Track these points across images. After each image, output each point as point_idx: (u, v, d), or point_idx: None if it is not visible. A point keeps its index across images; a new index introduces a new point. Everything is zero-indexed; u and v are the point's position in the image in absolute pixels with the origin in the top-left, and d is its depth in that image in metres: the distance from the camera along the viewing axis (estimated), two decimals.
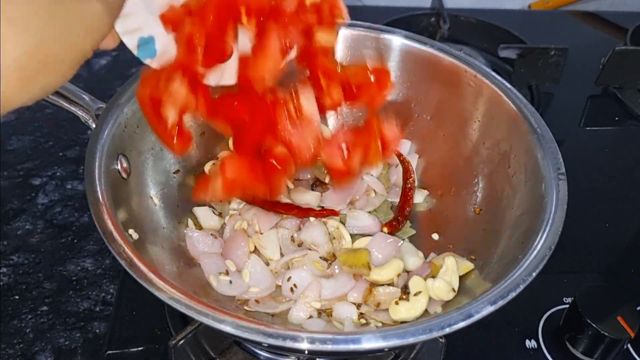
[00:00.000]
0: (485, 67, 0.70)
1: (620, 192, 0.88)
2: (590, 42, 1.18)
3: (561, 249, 0.52)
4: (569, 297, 0.70)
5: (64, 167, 0.90)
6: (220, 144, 0.74)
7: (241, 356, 0.62)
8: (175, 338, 0.59)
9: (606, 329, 0.61)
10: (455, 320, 0.45)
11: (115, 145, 0.59)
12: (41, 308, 0.72)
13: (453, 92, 0.72)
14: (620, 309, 0.63)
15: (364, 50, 0.73)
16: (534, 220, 0.55)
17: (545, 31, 1.20)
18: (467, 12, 1.19)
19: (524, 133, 0.63)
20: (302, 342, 0.43)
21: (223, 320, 0.44)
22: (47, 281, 0.75)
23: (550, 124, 0.62)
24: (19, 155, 0.92)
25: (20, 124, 0.98)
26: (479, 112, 0.70)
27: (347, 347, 0.44)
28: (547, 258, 0.50)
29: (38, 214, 0.83)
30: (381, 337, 0.44)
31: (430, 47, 0.73)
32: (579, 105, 1.05)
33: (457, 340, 0.65)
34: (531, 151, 0.61)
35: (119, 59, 1.16)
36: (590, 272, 0.76)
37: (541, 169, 0.59)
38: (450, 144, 0.73)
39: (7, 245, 0.78)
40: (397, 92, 0.77)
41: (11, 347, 0.67)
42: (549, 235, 0.52)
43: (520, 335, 0.67)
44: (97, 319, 0.71)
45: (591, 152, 0.96)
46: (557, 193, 0.55)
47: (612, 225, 0.82)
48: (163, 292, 0.46)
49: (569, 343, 0.65)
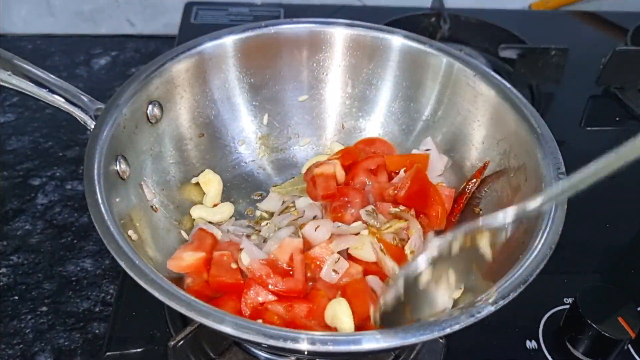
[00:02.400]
0: (485, 67, 0.70)
1: (620, 193, 0.88)
2: (590, 42, 1.18)
3: (561, 250, 0.52)
4: (570, 297, 0.70)
5: (63, 168, 0.90)
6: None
7: (241, 357, 0.62)
8: (174, 339, 0.58)
9: (607, 330, 0.61)
10: (456, 320, 0.45)
11: (114, 147, 0.59)
12: (41, 308, 0.71)
13: (452, 92, 0.72)
14: (621, 310, 0.62)
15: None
16: (534, 219, 0.55)
17: (545, 31, 1.19)
18: (467, 12, 1.19)
19: (523, 132, 0.63)
20: (303, 343, 0.43)
21: (223, 320, 0.44)
22: (46, 281, 0.74)
23: (551, 124, 0.62)
24: (18, 156, 0.92)
25: (20, 124, 0.98)
26: (478, 112, 0.70)
27: (347, 348, 0.44)
28: (548, 257, 0.50)
29: (38, 214, 0.83)
30: (382, 338, 0.44)
31: (429, 46, 0.73)
32: (579, 106, 1.05)
33: (457, 341, 0.64)
34: (531, 150, 0.61)
35: (119, 59, 1.16)
36: (590, 273, 0.76)
37: (541, 168, 0.58)
38: (449, 143, 0.73)
39: (7, 246, 0.78)
40: (396, 91, 0.77)
41: (11, 348, 0.67)
42: (550, 235, 0.52)
43: (521, 335, 0.67)
44: (96, 319, 0.71)
45: (592, 152, 0.94)
46: None
47: (612, 226, 0.82)
48: (163, 293, 0.46)
49: (570, 343, 0.65)
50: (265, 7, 1.23)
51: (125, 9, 1.21)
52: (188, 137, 0.72)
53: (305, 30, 0.74)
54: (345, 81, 0.78)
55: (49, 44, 1.19)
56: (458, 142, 0.72)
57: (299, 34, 0.74)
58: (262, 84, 0.76)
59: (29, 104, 1.01)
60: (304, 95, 0.78)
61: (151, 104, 0.65)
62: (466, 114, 0.71)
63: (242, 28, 0.73)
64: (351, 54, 0.76)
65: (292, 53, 0.76)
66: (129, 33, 1.23)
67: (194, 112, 0.72)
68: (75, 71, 1.12)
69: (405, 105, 0.77)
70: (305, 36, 0.75)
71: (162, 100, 0.67)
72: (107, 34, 1.22)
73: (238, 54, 0.73)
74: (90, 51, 1.18)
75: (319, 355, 0.54)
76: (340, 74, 0.78)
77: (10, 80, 0.59)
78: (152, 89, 0.65)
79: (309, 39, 0.75)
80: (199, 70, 0.71)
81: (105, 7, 1.20)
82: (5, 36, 1.20)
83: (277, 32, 0.74)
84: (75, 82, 1.09)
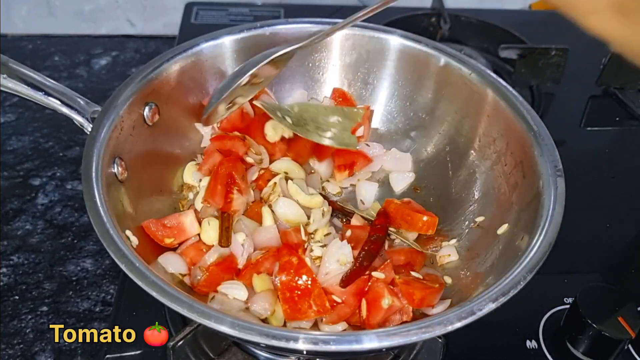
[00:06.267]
0: (481, 66, 0.70)
1: (621, 192, 0.88)
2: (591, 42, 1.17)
3: (562, 249, 0.52)
4: (570, 297, 0.70)
5: (63, 168, 0.90)
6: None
7: (240, 357, 0.62)
8: (174, 339, 0.58)
9: (607, 330, 0.61)
10: (457, 317, 0.45)
11: (112, 149, 0.58)
12: (41, 308, 0.72)
13: (449, 91, 0.72)
14: (621, 310, 0.62)
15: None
16: (532, 217, 0.55)
17: (545, 31, 1.19)
18: (467, 12, 1.19)
19: (520, 130, 0.63)
20: (303, 343, 0.43)
21: (224, 321, 0.44)
22: (47, 281, 0.75)
23: (551, 124, 0.62)
24: (18, 156, 0.92)
25: (20, 124, 0.98)
26: (475, 110, 0.70)
27: (348, 347, 0.44)
28: (548, 254, 0.50)
29: (38, 214, 0.83)
30: (382, 337, 0.44)
31: (425, 46, 0.73)
32: (579, 106, 1.05)
33: (457, 341, 0.64)
34: (528, 148, 0.61)
35: (119, 59, 1.16)
36: (590, 273, 0.76)
37: (538, 166, 0.59)
38: (446, 141, 0.73)
39: (7, 246, 0.78)
40: (392, 90, 0.77)
41: (11, 348, 0.67)
42: (549, 232, 0.52)
43: (521, 335, 0.67)
44: (97, 319, 0.71)
45: (592, 152, 0.96)
46: (555, 189, 0.55)
47: (612, 225, 0.82)
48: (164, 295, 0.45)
49: (570, 343, 0.65)
50: (266, 7, 1.23)
51: (125, 9, 1.21)
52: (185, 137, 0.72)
53: (302, 30, 0.74)
54: (342, 81, 0.78)
55: (49, 44, 1.19)
56: (455, 140, 0.72)
57: (295, 35, 0.74)
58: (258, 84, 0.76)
59: (29, 104, 1.01)
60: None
61: (148, 106, 0.65)
62: (463, 113, 0.71)
63: (238, 29, 0.73)
64: (347, 53, 0.76)
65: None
66: (129, 33, 1.23)
67: (191, 113, 0.72)
68: (75, 71, 1.12)
69: (402, 104, 0.77)
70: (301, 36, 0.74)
71: (159, 101, 0.67)
72: (107, 34, 1.23)
73: (235, 55, 0.73)
74: (91, 51, 1.18)
75: (319, 355, 0.54)
76: (337, 74, 0.78)
77: (6, 83, 0.59)
78: (149, 91, 0.65)
79: (305, 39, 0.75)
80: (195, 71, 0.70)
81: (105, 7, 1.20)
82: (5, 36, 1.20)
83: (274, 33, 0.74)
84: (75, 82, 1.11)
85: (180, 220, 0.62)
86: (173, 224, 0.61)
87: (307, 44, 0.63)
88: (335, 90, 0.78)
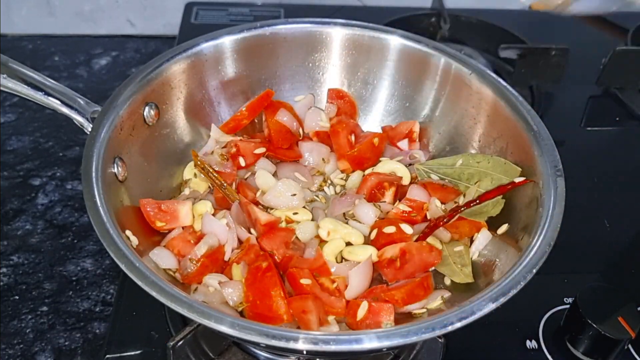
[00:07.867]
0: (481, 66, 0.70)
1: (621, 192, 0.88)
2: (591, 42, 1.18)
3: (561, 249, 0.52)
4: (570, 297, 0.70)
5: (63, 168, 0.90)
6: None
7: (240, 357, 0.62)
8: (174, 339, 0.58)
9: (607, 330, 0.61)
10: (457, 317, 0.45)
11: (112, 149, 0.58)
12: (41, 308, 0.72)
13: (449, 91, 0.72)
14: (621, 309, 0.63)
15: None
16: (532, 217, 0.55)
17: (545, 31, 1.20)
18: (467, 12, 1.19)
19: (520, 131, 0.63)
20: (303, 343, 0.43)
21: (224, 321, 0.44)
22: (47, 281, 0.75)
23: (551, 125, 0.62)
24: (18, 156, 0.92)
25: (20, 124, 0.98)
26: (475, 110, 0.70)
27: (349, 347, 0.44)
28: (547, 254, 0.50)
29: (38, 214, 0.83)
30: (382, 337, 0.44)
31: (426, 46, 0.73)
32: (579, 106, 1.05)
33: (457, 341, 0.64)
34: (528, 148, 0.61)
35: (119, 59, 1.16)
36: (590, 273, 0.76)
37: (538, 166, 0.59)
38: (446, 141, 0.73)
39: (7, 246, 0.78)
40: (393, 90, 0.77)
41: (11, 348, 0.67)
42: (548, 232, 0.52)
43: (521, 335, 0.67)
44: (97, 319, 0.71)
45: (592, 152, 0.96)
46: (555, 189, 0.55)
47: (612, 225, 0.82)
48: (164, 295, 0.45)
49: (570, 343, 0.65)
50: (266, 7, 1.23)
51: (125, 9, 1.21)
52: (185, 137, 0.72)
53: (302, 30, 0.74)
54: (342, 81, 0.78)
55: (49, 44, 1.19)
56: (455, 140, 0.72)
57: (295, 34, 0.74)
58: (258, 84, 0.76)
59: (30, 104, 1.01)
60: (300, 96, 0.78)
61: (148, 106, 0.65)
62: (463, 113, 0.71)
63: (238, 29, 0.73)
64: (347, 53, 0.76)
65: (288, 53, 0.75)
66: (129, 33, 1.23)
67: (191, 113, 0.72)
68: (75, 71, 1.12)
69: (402, 105, 0.77)
70: (301, 36, 0.75)
71: (159, 101, 0.67)
72: (107, 34, 1.23)
73: (234, 55, 0.73)
74: (91, 51, 1.18)
75: (319, 355, 0.54)
76: (337, 74, 0.78)
77: (6, 83, 0.60)
78: (149, 91, 0.65)
79: (305, 39, 0.75)
80: (195, 71, 0.71)
81: (105, 7, 1.20)
82: (5, 36, 1.20)
83: (274, 33, 0.74)
84: (75, 82, 1.11)
85: (177, 208, 0.63)
86: (169, 209, 0.62)
87: None
88: (331, 90, 0.78)
